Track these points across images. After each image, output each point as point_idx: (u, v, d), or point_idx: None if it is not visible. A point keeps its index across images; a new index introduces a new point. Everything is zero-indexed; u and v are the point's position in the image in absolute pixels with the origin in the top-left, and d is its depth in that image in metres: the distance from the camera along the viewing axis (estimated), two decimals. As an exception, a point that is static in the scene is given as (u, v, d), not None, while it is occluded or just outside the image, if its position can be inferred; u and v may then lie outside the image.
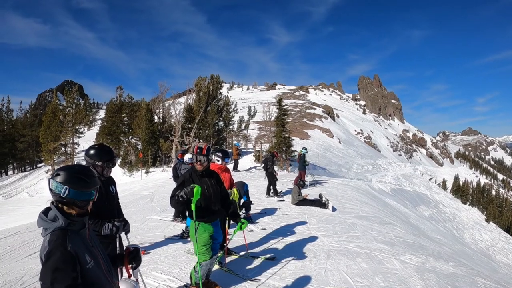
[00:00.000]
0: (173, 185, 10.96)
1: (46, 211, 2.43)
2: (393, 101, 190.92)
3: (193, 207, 4.62)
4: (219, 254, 6.77)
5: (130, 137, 39.16)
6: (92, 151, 4.08)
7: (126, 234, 4.27)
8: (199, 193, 4.54)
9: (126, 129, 41.67)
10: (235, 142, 33.71)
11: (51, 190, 2.39)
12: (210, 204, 5.03)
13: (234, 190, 6.91)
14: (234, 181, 10.60)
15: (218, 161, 6.89)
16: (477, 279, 8.49)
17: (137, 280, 3.17)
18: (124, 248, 3.21)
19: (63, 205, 2.41)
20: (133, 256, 3.03)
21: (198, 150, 4.99)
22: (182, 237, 8.33)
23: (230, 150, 29.35)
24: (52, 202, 2.44)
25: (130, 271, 3.09)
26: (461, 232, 45.70)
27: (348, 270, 6.67)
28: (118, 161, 33.15)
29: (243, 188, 10.38)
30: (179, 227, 9.30)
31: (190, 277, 5.22)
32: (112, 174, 4.50)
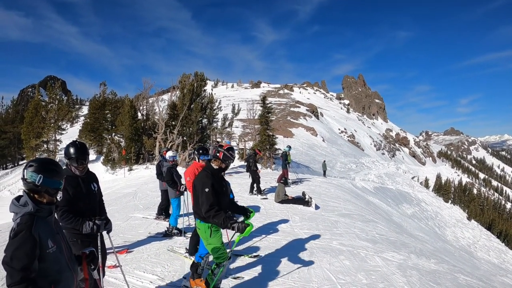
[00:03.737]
0: (157, 182, 10.87)
1: (18, 198, 2.75)
2: (376, 100, 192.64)
3: (237, 240, 4.94)
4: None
5: (113, 134, 38.76)
6: (65, 149, 4.09)
7: (108, 233, 4.19)
8: (248, 232, 4.58)
9: (109, 126, 41.23)
10: (225, 139, 33.65)
11: (25, 179, 2.71)
12: (225, 200, 5.06)
13: None
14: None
15: (195, 159, 6.88)
16: (458, 276, 8.61)
17: (97, 280, 3.50)
18: (103, 250, 3.37)
19: (34, 193, 2.73)
20: (90, 259, 3.21)
21: (231, 153, 4.91)
22: (166, 235, 8.29)
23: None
24: (24, 190, 2.75)
25: (95, 273, 3.39)
26: (443, 230, 46.37)
27: (331, 267, 6.70)
28: (101, 158, 32.82)
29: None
30: (162, 225, 9.25)
31: (207, 283, 5.00)
32: (94, 172, 4.45)
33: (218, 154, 4.85)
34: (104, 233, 4.21)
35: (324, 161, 41.24)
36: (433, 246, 21.10)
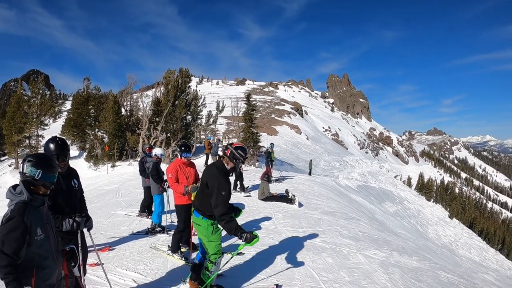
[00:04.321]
0: (139, 179, 10.76)
1: (15, 186, 2.97)
2: (361, 100, 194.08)
3: (240, 248, 5.08)
4: (186, 249, 6.78)
5: (96, 130, 38.29)
6: (45, 145, 4.02)
7: (88, 230, 4.12)
8: (254, 243, 4.60)
9: (93, 122, 40.66)
10: (208, 136, 33.49)
11: (24, 173, 2.93)
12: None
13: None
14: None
15: (177, 156, 6.86)
16: (440, 273, 8.74)
17: (78, 277, 3.62)
18: (84, 247, 3.44)
19: (30, 185, 2.95)
20: (70, 255, 3.36)
21: (240, 153, 4.75)
22: (148, 232, 8.25)
23: (202, 144, 29.08)
24: (21, 180, 2.98)
25: (75, 270, 3.50)
26: (425, 228, 46.98)
27: (313, 265, 6.74)
28: (84, 154, 32.43)
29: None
30: (145, 223, 9.19)
31: (202, 281, 4.94)
32: (77, 168, 4.39)
33: (226, 151, 4.79)
34: (85, 230, 4.15)
35: (311, 160, 41.47)
36: (415, 243, 21.38)
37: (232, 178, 14.83)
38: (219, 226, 4.87)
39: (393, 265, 7.76)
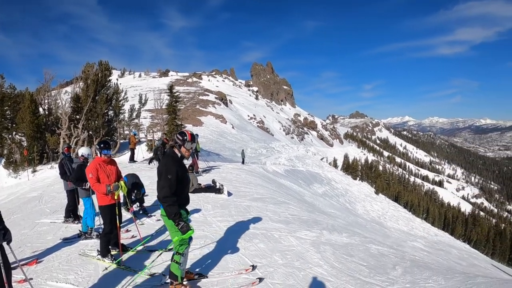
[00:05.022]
0: (62, 183, 10.41)
1: None
2: (285, 87, 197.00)
3: (175, 240, 4.90)
4: (116, 252, 6.73)
5: (13, 133, 35.98)
6: None
7: (8, 243, 3.99)
8: (188, 236, 4.80)
9: (9, 124, 38.17)
10: (133, 130, 32.61)
11: None
12: (187, 189, 5.18)
13: (122, 183, 6.62)
14: (127, 173, 10.50)
15: (97, 153, 6.68)
16: (370, 246, 9.35)
17: None
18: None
19: None
20: None
21: (191, 137, 4.96)
22: (81, 235, 8.05)
23: (126, 140, 28.34)
24: None
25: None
26: (354, 205, 49.26)
27: (246, 252, 7.00)
28: (2, 161, 30.44)
29: (138, 180, 10.33)
30: (72, 229, 8.91)
31: (174, 276, 5.02)
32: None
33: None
34: (4, 244, 4.00)
35: (243, 150, 42.05)
36: (345, 220, 22.50)
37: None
38: (185, 215, 5.07)
39: (324, 244, 8.20)
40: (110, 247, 6.59)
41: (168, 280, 5.22)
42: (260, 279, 5.77)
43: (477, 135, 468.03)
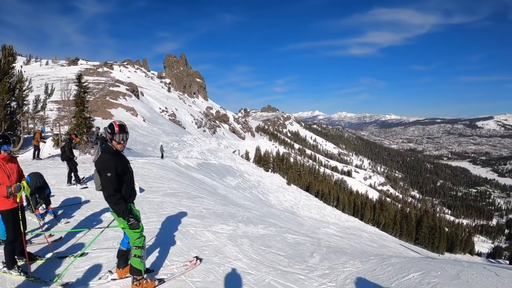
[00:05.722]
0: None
1: None
2: (197, 79, 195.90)
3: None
4: (24, 262, 5.94)
5: None
6: None
7: None
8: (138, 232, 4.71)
9: None
10: (40, 126, 30.44)
11: None
12: (133, 183, 4.99)
13: (24, 183, 5.74)
14: (30, 172, 9.57)
15: None
16: (286, 236, 9.46)
17: None
18: None
19: None
20: None
21: (120, 128, 4.66)
22: None
23: (31, 135, 26.35)
24: None
25: None
26: (267, 196, 50.37)
27: (162, 251, 6.67)
28: None
29: (42, 179, 9.43)
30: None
31: (137, 271, 4.81)
32: None
33: None
34: None
35: (161, 145, 41.38)
36: (260, 212, 22.81)
37: (65, 171, 13.77)
38: (139, 215, 4.94)
39: (241, 236, 8.15)
40: (16, 257, 5.70)
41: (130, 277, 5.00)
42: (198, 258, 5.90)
43: (383, 129, 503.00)
